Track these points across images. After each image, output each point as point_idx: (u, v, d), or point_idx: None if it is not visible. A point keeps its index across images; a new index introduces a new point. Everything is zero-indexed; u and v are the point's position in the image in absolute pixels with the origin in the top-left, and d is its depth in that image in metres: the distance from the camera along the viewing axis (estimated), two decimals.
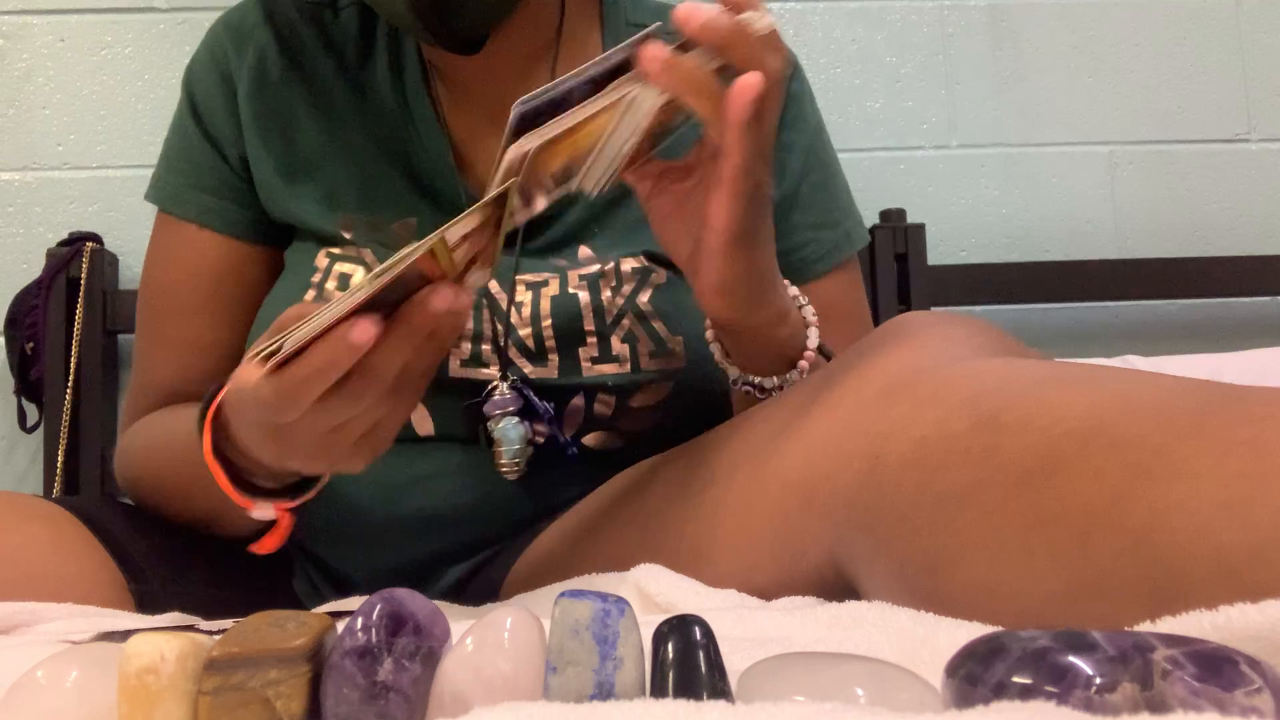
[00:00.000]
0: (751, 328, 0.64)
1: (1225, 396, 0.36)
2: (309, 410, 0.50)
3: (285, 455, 0.55)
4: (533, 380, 0.72)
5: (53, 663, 0.30)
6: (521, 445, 0.71)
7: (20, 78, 1.35)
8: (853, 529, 0.48)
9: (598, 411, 0.74)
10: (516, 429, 0.71)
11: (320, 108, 0.80)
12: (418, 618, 0.29)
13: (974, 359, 0.49)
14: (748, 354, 0.66)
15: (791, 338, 0.65)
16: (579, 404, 0.73)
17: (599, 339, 0.73)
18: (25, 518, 0.70)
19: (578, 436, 0.74)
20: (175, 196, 0.82)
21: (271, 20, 0.81)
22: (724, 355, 0.68)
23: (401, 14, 0.68)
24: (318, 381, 0.49)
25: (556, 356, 0.73)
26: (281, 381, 0.49)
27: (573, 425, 0.74)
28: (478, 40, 0.72)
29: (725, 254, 0.57)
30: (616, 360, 0.73)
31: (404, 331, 0.50)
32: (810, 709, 0.25)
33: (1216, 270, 1.36)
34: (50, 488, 1.24)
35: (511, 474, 0.71)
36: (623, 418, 0.74)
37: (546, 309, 0.73)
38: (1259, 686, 0.23)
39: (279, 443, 0.53)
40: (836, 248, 0.84)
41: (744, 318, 0.62)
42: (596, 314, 0.73)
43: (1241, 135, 1.44)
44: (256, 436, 0.54)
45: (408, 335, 0.50)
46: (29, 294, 1.28)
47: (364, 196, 0.78)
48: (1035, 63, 1.43)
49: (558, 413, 0.73)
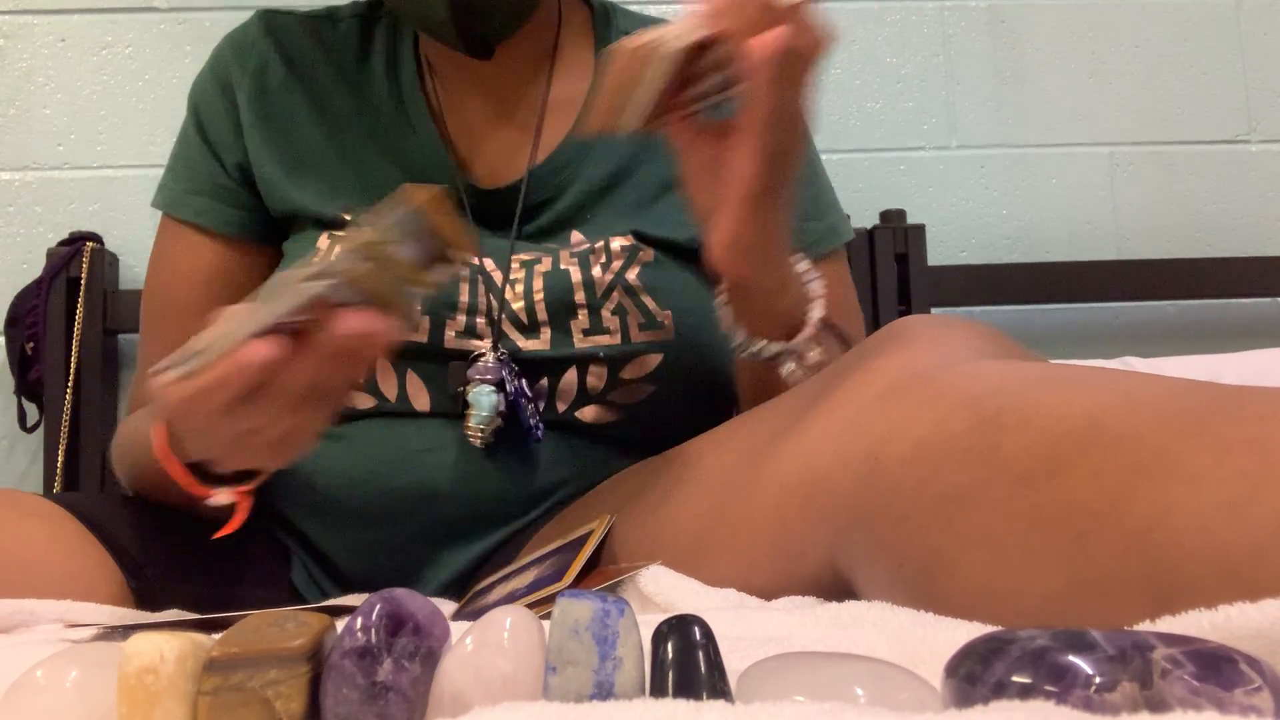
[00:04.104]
0: (754, 291, 0.65)
1: (1225, 396, 0.36)
2: (215, 417, 0.53)
3: (203, 453, 0.58)
4: (526, 352, 0.75)
5: (52, 663, 0.30)
6: (490, 414, 0.73)
7: (20, 78, 1.35)
8: (852, 529, 0.48)
9: (590, 384, 0.76)
10: (489, 397, 0.73)
11: (319, 110, 0.84)
12: (417, 618, 0.29)
13: (974, 361, 0.49)
14: (750, 319, 0.67)
15: (792, 309, 0.66)
16: (572, 378, 0.76)
17: (590, 311, 0.76)
18: (23, 515, 0.70)
19: (571, 410, 0.77)
20: (175, 200, 0.86)
21: (272, 33, 0.86)
22: (734, 318, 0.68)
23: (437, 17, 0.72)
24: (216, 396, 0.52)
25: (549, 329, 0.76)
26: (183, 393, 0.53)
27: (566, 399, 0.77)
28: (493, 45, 0.77)
29: (742, 208, 0.58)
30: (607, 332, 0.76)
31: (315, 351, 0.52)
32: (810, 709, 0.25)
33: (1216, 271, 1.36)
34: (50, 487, 1.24)
35: (476, 440, 0.74)
36: (614, 389, 0.77)
37: (539, 284, 0.76)
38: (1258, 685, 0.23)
39: (194, 442, 0.57)
40: (822, 239, 0.86)
41: (749, 277, 0.63)
42: (587, 288, 0.76)
43: (1241, 136, 1.44)
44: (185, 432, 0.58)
45: (318, 354, 0.52)
46: (29, 294, 1.28)
47: (362, 191, 0.81)
48: (1035, 63, 1.43)
49: (551, 387, 0.76)
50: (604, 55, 0.53)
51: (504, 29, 0.77)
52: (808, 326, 0.66)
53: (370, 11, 0.88)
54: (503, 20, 0.76)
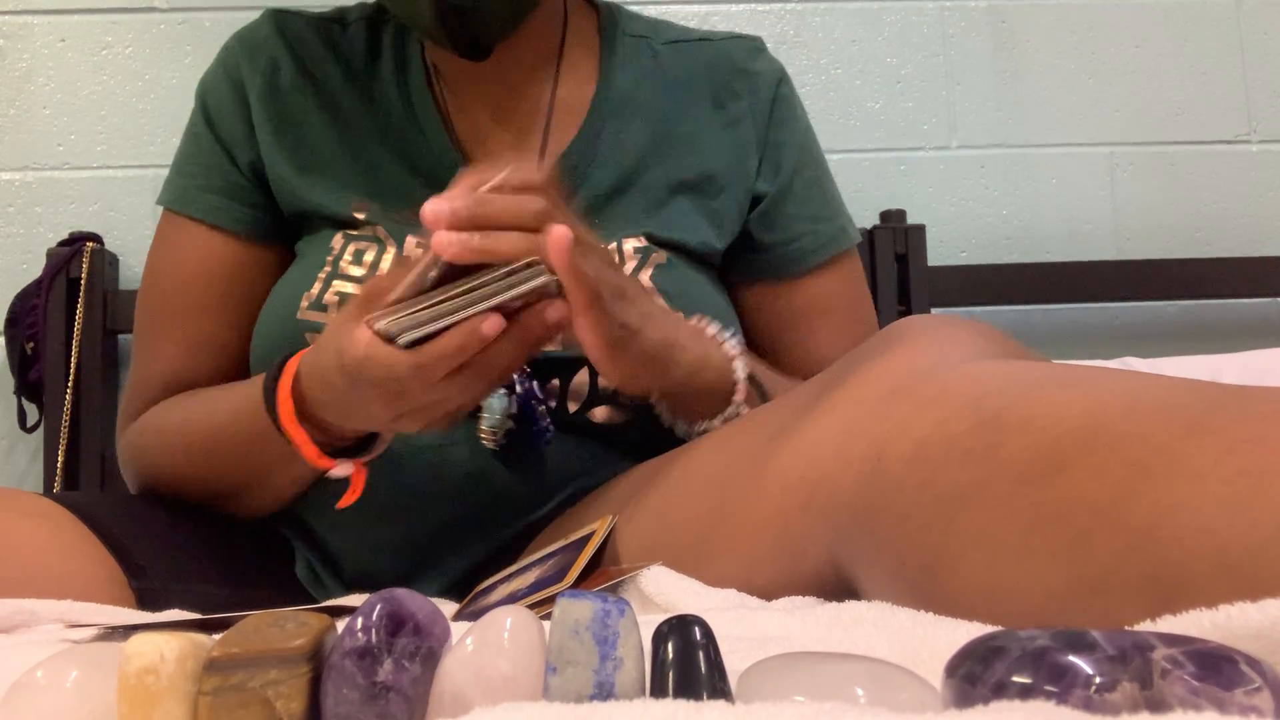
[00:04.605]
0: (673, 387, 0.69)
1: (1227, 395, 0.36)
2: (430, 384, 0.57)
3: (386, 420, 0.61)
4: (539, 353, 0.75)
5: (53, 663, 0.30)
6: (501, 417, 0.74)
7: (20, 78, 1.35)
8: (853, 529, 0.48)
9: (602, 385, 0.77)
10: (500, 400, 0.74)
11: (329, 110, 0.84)
12: (418, 618, 0.29)
13: (975, 361, 0.49)
14: (687, 406, 0.71)
15: (718, 379, 0.70)
16: (584, 378, 0.77)
17: None
18: (23, 515, 0.70)
19: (583, 410, 0.77)
20: (185, 198, 0.85)
21: (283, 34, 0.86)
22: (671, 413, 0.73)
23: (426, 20, 0.73)
24: (448, 362, 0.56)
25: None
26: (420, 358, 0.56)
27: (578, 399, 0.77)
28: (486, 48, 0.77)
29: (608, 359, 0.62)
30: None
31: (520, 333, 0.58)
32: (810, 709, 0.25)
33: (1216, 271, 1.35)
34: (50, 487, 1.24)
35: (488, 441, 0.74)
36: None
37: None
38: (1258, 685, 0.23)
39: (389, 408, 0.60)
40: (833, 240, 0.87)
41: (658, 386, 0.69)
42: None
43: (1242, 136, 1.44)
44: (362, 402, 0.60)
45: (522, 336, 0.58)
46: (29, 294, 1.28)
47: (374, 192, 0.82)
48: (1035, 63, 1.43)
49: (563, 386, 0.77)
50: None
51: (497, 31, 0.76)
52: (738, 389, 0.70)
53: (378, 14, 0.88)
54: (494, 22, 0.76)
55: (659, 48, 0.89)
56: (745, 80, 0.88)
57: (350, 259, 0.79)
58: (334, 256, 0.79)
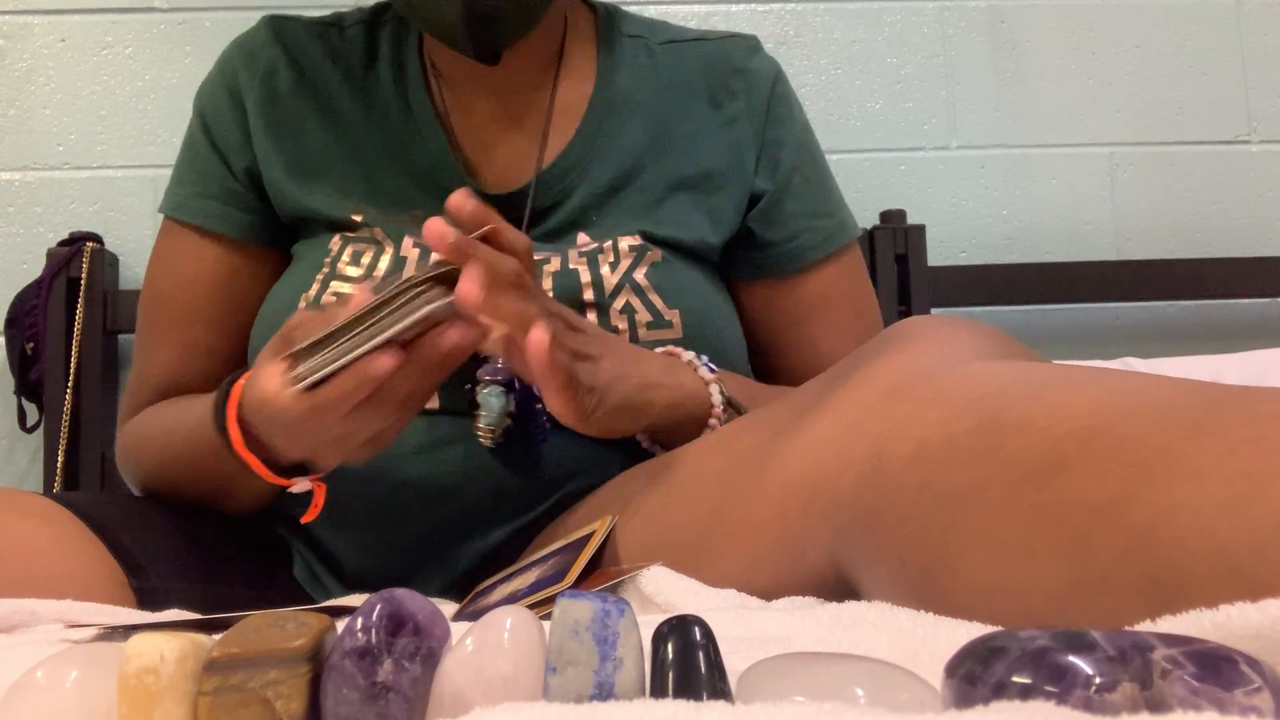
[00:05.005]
0: (652, 425, 0.71)
1: (1227, 396, 0.36)
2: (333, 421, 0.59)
3: (300, 453, 0.64)
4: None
5: (53, 663, 0.30)
6: (499, 415, 0.74)
7: (20, 78, 1.35)
8: (854, 529, 0.48)
9: None
10: (499, 398, 0.74)
11: (327, 115, 0.85)
12: (418, 618, 0.29)
13: (976, 362, 0.49)
14: (667, 435, 0.73)
15: (698, 409, 0.72)
16: None
17: (598, 310, 0.77)
18: (23, 515, 0.70)
19: None
20: (182, 204, 0.86)
21: (280, 40, 0.87)
22: (650, 442, 0.75)
23: (451, 26, 0.74)
24: (344, 404, 0.58)
25: None
26: (314, 402, 0.58)
27: None
28: (500, 52, 0.78)
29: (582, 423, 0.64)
30: (616, 331, 0.76)
31: (419, 362, 0.58)
32: (810, 709, 0.25)
33: (1216, 271, 1.35)
34: (50, 487, 1.24)
35: (487, 440, 0.75)
36: None
37: (548, 284, 0.77)
38: (1258, 686, 0.23)
39: (297, 444, 0.63)
40: (833, 236, 0.88)
41: (638, 429, 0.72)
42: (595, 287, 0.77)
43: (1242, 137, 1.44)
44: (278, 438, 0.63)
45: (421, 364, 0.58)
46: (29, 294, 1.28)
47: (370, 193, 0.82)
48: (1035, 63, 1.43)
49: None
50: None
51: (514, 36, 0.77)
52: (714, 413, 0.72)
53: (375, 18, 0.88)
54: (516, 27, 0.76)
55: (656, 48, 0.89)
56: (742, 79, 0.88)
57: (348, 260, 0.79)
58: (331, 258, 0.79)
